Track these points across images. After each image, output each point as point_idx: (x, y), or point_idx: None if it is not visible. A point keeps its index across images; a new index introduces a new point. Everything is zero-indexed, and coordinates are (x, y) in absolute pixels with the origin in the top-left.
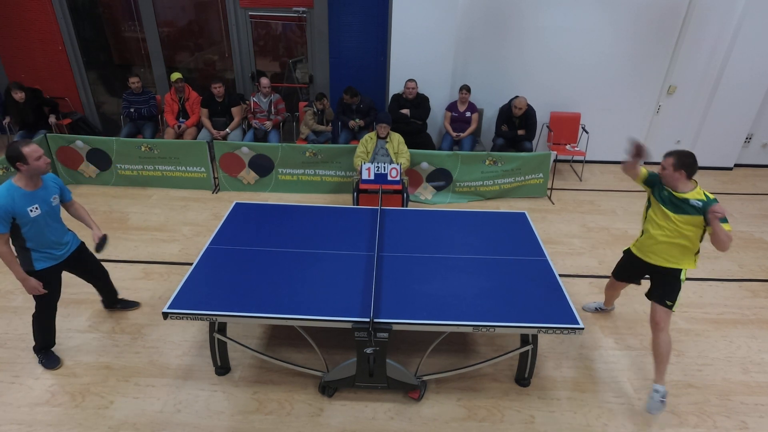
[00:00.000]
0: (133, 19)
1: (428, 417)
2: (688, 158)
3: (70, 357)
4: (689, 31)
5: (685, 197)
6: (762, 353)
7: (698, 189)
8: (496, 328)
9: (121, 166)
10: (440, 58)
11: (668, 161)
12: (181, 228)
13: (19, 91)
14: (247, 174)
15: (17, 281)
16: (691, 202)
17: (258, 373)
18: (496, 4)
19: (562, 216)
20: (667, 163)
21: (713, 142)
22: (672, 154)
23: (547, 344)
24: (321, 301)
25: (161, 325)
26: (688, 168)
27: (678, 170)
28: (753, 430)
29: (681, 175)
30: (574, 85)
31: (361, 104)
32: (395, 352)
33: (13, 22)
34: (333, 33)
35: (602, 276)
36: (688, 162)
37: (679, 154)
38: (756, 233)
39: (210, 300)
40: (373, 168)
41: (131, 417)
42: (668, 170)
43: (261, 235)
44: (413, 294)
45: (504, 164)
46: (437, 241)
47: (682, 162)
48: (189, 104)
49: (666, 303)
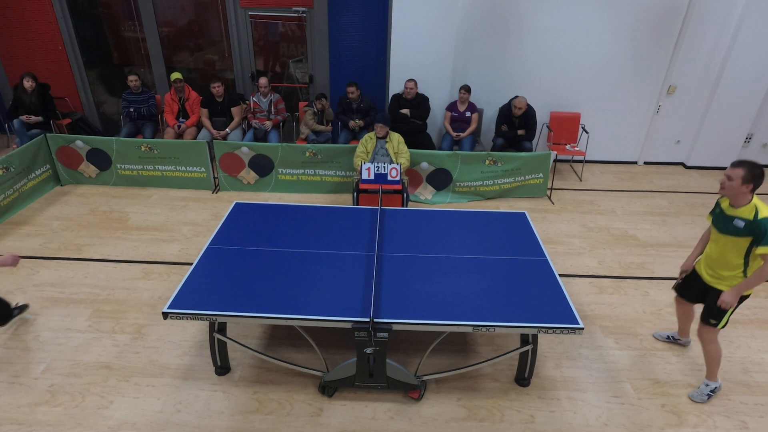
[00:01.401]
0: (133, 19)
1: (428, 417)
2: (759, 170)
3: (70, 357)
4: (689, 31)
5: (732, 214)
6: (762, 353)
7: (752, 203)
8: (496, 328)
9: (121, 166)
10: (440, 58)
11: (737, 173)
12: (181, 228)
13: (31, 79)
14: (247, 174)
15: (17, 281)
16: (734, 222)
17: (258, 373)
18: (496, 4)
19: (562, 216)
20: (735, 175)
21: (713, 142)
22: (742, 164)
23: (547, 344)
24: (321, 301)
25: (161, 325)
26: (758, 181)
27: (746, 184)
28: (753, 430)
29: (747, 189)
30: (574, 85)
31: (361, 104)
32: (395, 352)
33: (13, 22)
34: (333, 33)
35: (602, 276)
36: (758, 174)
37: (750, 165)
38: None
39: (210, 300)
40: (373, 168)
41: (131, 417)
42: (735, 182)
43: (261, 235)
44: (413, 294)
45: (504, 164)
46: (437, 241)
47: (752, 174)
48: (189, 104)
49: (710, 321)
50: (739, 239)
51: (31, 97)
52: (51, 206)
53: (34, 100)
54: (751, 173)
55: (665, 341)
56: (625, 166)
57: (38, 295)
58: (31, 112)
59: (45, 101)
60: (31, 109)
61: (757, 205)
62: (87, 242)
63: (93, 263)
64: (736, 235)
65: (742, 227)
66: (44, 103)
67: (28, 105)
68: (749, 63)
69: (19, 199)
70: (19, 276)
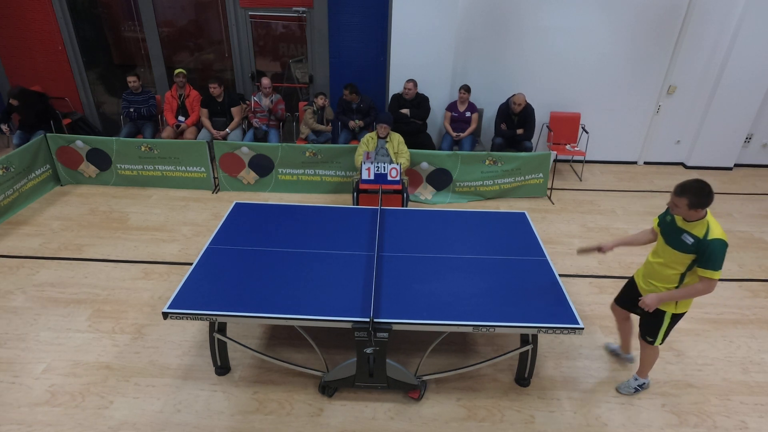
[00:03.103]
0: (133, 19)
1: (428, 417)
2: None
3: (70, 357)
4: (689, 31)
5: (682, 227)
6: (762, 353)
7: (705, 220)
8: (496, 328)
9: (121, 166)
10: (440, 58)
11: (681, 201)
12: (181, 228)
13: (12, 98)
14: (247, 174)
15: (17, 281)
16: (683, 237)
17: (258, 373)
18: (496, 4)
19: (562, 216)
20: (680, 203)
21: (713, 142)
22: (684, 192)
23: (547, 344)
24: (321, 301)
25: (161, 325)
26: (706, 201)
27: (694, 209)
28: (753, 430)
29: (697, 213)
30: (574, 85)
31: (361, 104)
32: (395, 352)
33: (13, 22)
34: (333, 33)
35: (602, 276)
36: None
37: (694, 191)
38: (756, 233)
39: (210, 300)
40: (373, 168)
41: (131, 417)
42: (681, 209)
43: (261, 235)
44: (413, 294)
45: (504, 164)
46: (437, 241)
47: (698, 200)
48: (189, 102)
49: (646, 338)
50: (684, 255)
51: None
52: (51, 206)
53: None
54: (696, 199)
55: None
56: (625, 166)
57: (38, 295)
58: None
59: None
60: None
61: (709, 223)
62: (87, 242)
63: (93, 263)
64: (682, 251)
65: (689, 244)
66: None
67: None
68: (749, 63)
69: (19, 199)
70: (19, 276)
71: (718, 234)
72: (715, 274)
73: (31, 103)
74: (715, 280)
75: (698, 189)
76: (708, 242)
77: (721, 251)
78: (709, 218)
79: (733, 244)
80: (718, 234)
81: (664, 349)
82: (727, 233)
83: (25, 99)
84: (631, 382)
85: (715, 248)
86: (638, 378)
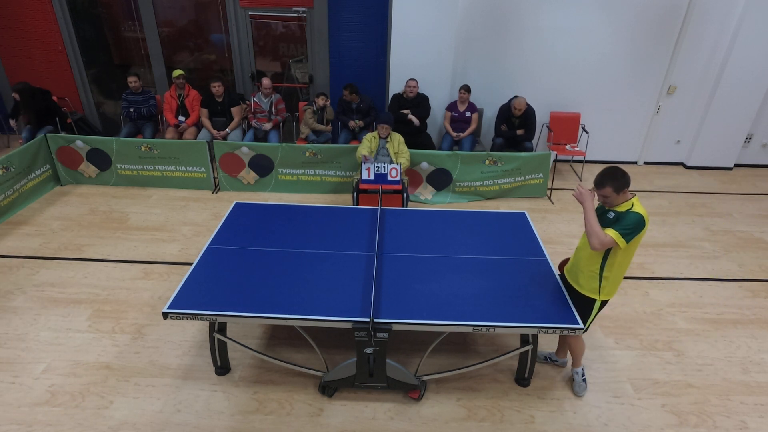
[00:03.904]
0: (133, 19)
1: (428, 417)
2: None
3: (70, 357)
4: (689, 31)
5: (609, 210)
6: (762, 353)
7: (630, 201)
8: (496, 328)
9: (121, 166)
10: (440, 58)
11: (607, 191)
12: (181, 228)
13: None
14: (247, 174)
15: (17, 281)
16: (607, 215)
17: (258, 373)
18: (496, 4)
19: (562, 216)
20: (607, 192)
21: (713, 142)
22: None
23: (547, 344)
24: (321, 301)
25: (161, 325)
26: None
27: (621, 193)
28: (753, 430)
29: (624, 195)
30: (574, 85)
31: (361, 104)
32: (395, 352)
33: (13, 22)
34: (333, 33)
35: None
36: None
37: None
38: (756, 233)
39: (210, 300)
40: (373, 168)
41: (131, 417)
42: (611, 198)
43: (261, 235)
44: (413, 294)
45: (504, 164)
46: (437, 241)
47: (619, 184)
48: (188, 101)
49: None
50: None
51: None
52: (51, 206)
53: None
54: (617, 184)
55: (543, 362)
56: (625, 166)
57: (38, 295)
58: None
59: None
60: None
61: (634, 203)
62: (87, 242)
63: (93, 263)
64: (605, 225)
65: (611, 218)
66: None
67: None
68: (749, 63)
69: (19, 199)
70: (19, 276)
71: (640, 210)
72: (615, 234)
73: (34, 100)
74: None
75: (612, 173)
76: (627, 212)
77: (634, 221)
78: (635, 200)
79: (733, 244)
80: (640, 210)
81: (665, 349)
82: (727, 233)
83: (28, 94)
84: (577, 379)
85: (630, 217)
86: (577, 371)
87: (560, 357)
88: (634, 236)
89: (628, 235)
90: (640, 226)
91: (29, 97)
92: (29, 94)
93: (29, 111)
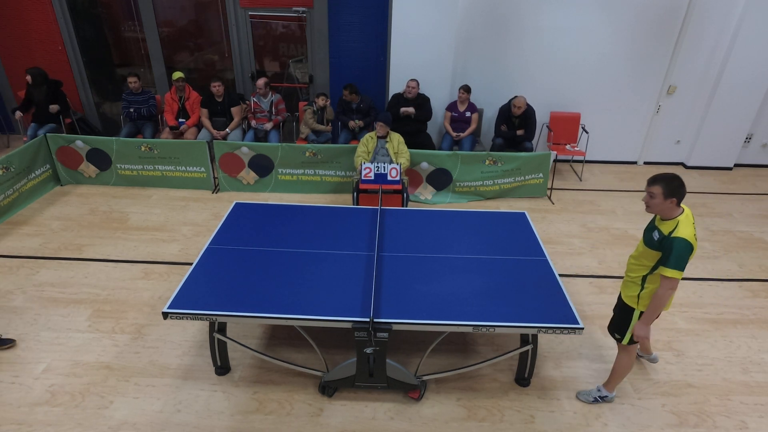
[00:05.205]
0: (133, 19)
1: (428, 417)
2: (677, 182)
3: (70, 357)
4: (689, 31)
5: (656, 225)
6: (762, 353)
7: (676, 219)
8: (496, 328)
9: (121, 166)
10: (440, 59)
11: (657, 189)
12: (181, 228)
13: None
14: (247, 174)
15: (17, 281)
16: (653, 233)
17: (258, 373)
18: (496, 4)
19: (562, 216)
20: (656, 191)
21: (713, 142)
22: (658, 180)
23: (547, 344)
24: (321, 301)
25: (161, 325)
26: (679, 192)
27: (669, 198)
28: (753, 430)
29: (672, 203)
30: (574, 85)
31: (361, 104)
32: (395, 352)
33: (13, 22)
34: (333, 33)
35: (602, 276)
36: (677, 186)
37: (668, 179)
38: (756, 233)
39: (210, 300)
40: (373, 168)
41: (131, 417)
42: (658, 198)
43: (261, 235)
44: (413, 294)
45: (504, 164)
46: (437, 241)
47: (671, 188)
48: (189, 104)
49: (615, 336)
50: (649, 252)
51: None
52: (51, 206)
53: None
54: (669, 187)
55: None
56: (625, 166)
57: (38, 295)
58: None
59: (56, 98)
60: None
61: (679, 223)
62: (87, 242)
63: (93, 263)
64: (650, 246)
65: (655, 239)
66: (55, 100)
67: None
68: (749, 63)
69: (19, 199)
70: (19, 276)
71: (684, 234)
72: (672, 272)
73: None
74: (673, 280)
75: (668, 176)
76: (672, 239)
77: (683, 249)
78: (682, 219)
79: (733, 244)
80: (684, 234)
81: (665, 348)
82: (727, 233)
83: (40, 80)
84: (593, 392)
85: (677, 245)
86: (602, 390)
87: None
88: (687, 260)
89: (683, 264)
90: (688, 251)
91: (41, 82)
92: (42, 79)
93: (38, 96)
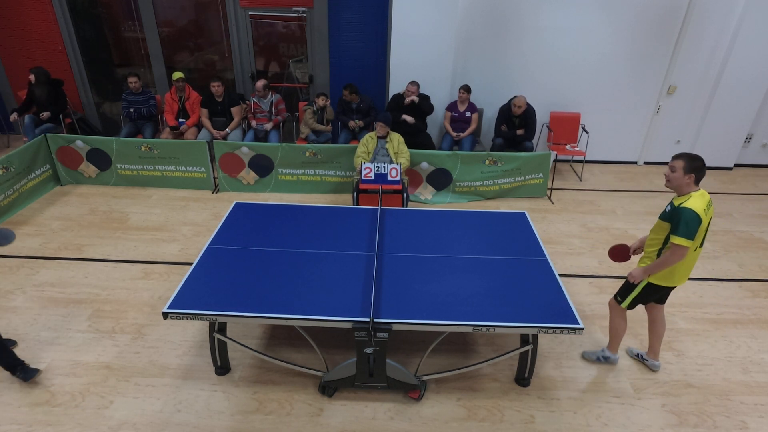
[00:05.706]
0: (133, 19)
1: (428, 417)
2: (699, 162)
3: (70, 357)
4: (689, 31)
5: (672, 202)
6: (762, 353)
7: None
8: (496, 328)
9: (121, 166)
10: (440, 59)
11: (678, 163)
12: (181, 228)
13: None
14: (247, 174)
15: (17, 281)
16: (666, 208)
17: (258, 373)
18: (496, 4)
19: (562, 216)
20: (677, 165)
21: (713, 142)
22: (681, 156)
23: (547, 344)
24: (321, 301)
25: (161, 325)
26: (699, 172)
27: (688, 174)
28: (753, 430)
29: (690, 179)
30: (574, 85)
31: (361, 104)
32: (395, 352)
33: (13, 22)
34: (333, 33)
35: (602, 276)
36: (698, 165)
37: (690, 156)
38: (756, 233)
39: (210, 300)
40: (373, 168)
41: (131, 417)
42: (678, 172)
43: (261, 235)
44: (413, 294)
45: (504, 164)
46: (437, 241)
47: (692, 165)
48: (189, 104)
49: (617, 297)
50: (662, 223)
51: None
52: (51, 206)
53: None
54: (691, 163)
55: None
56: (625, 166)
57: (38, 295)
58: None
59: (57, 96)
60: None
61: (691, 196)
62: (87, 242)
63: (93, 263)
64: (662, 218)
65: (667, 211)
66: (56, 99)
67: (39, 100)
68: (749, 63)
69: (19, 199)
70: (19, 276)
71: (693, 206)
72: (680, 240)
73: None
74: (681, 247)
75: (692, 155)
76: (681, 209)
77: (690, 218)
78: (695, 194)
79: (733, 244)
80: (693, 206)
81: (665, 349)
82: (727, 233)
83: (43, 79)
84: (598, 352)
85: (685, 214)
86: (605, 350)
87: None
88: (695, 230)
89: (691, 233)
90: (695, 221)
91: (43, 82)
92: (44, 78)
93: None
